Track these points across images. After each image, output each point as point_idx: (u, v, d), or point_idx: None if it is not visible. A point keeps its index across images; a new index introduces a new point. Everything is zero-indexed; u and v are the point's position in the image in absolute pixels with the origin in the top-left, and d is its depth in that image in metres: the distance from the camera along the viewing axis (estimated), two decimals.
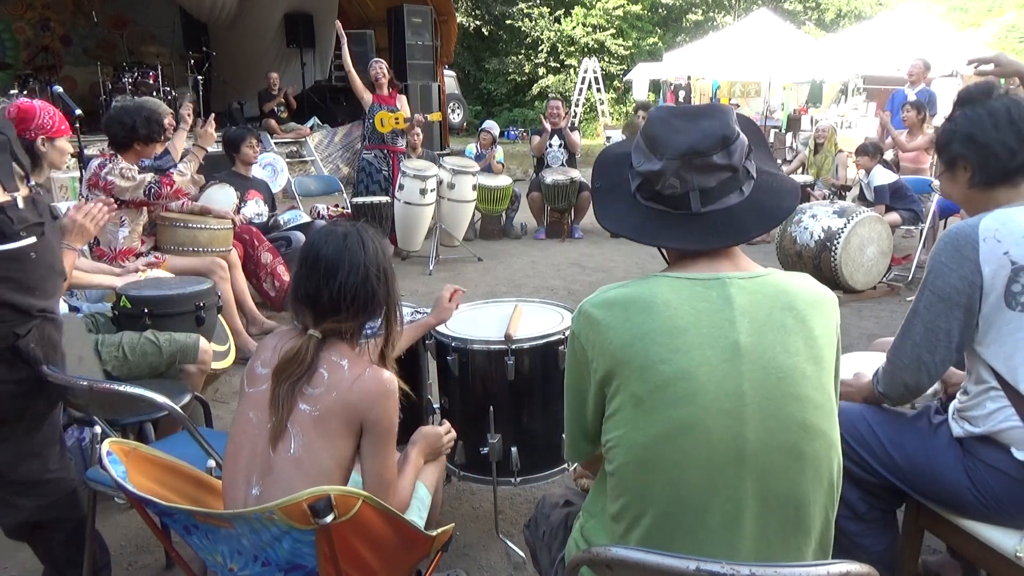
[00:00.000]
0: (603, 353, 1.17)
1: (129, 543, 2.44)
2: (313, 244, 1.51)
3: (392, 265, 1.57)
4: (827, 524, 1.20)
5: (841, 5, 23.52)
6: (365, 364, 1.46)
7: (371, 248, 1.51)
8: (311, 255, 1.49)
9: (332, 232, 1.51)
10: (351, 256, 1.47)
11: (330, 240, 1.49)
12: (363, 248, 1.49)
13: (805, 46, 14.91)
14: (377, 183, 6.32)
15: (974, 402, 1.61)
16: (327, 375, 1.42)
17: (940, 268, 1.58)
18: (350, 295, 1.46)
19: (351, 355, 1.47)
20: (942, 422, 1.71)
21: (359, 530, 1.26)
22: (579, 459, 1.41)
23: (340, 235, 1.50)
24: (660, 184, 1.20)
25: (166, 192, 3.60)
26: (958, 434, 1.64)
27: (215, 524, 1.27)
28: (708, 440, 1.11)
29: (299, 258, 1.53)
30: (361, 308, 1.48)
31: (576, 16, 22.60)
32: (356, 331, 1.50)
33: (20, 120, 2.88)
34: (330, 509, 1.15)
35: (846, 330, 4.48)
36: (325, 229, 1.53)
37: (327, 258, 1.47)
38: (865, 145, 6.20)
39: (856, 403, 1.86)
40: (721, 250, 1.21)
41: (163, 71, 10.32)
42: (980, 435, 1.60)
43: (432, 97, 10.78)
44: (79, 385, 1.82)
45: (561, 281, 5.84)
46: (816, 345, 1.16)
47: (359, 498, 1.21)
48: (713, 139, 1.17)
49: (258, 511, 1.17)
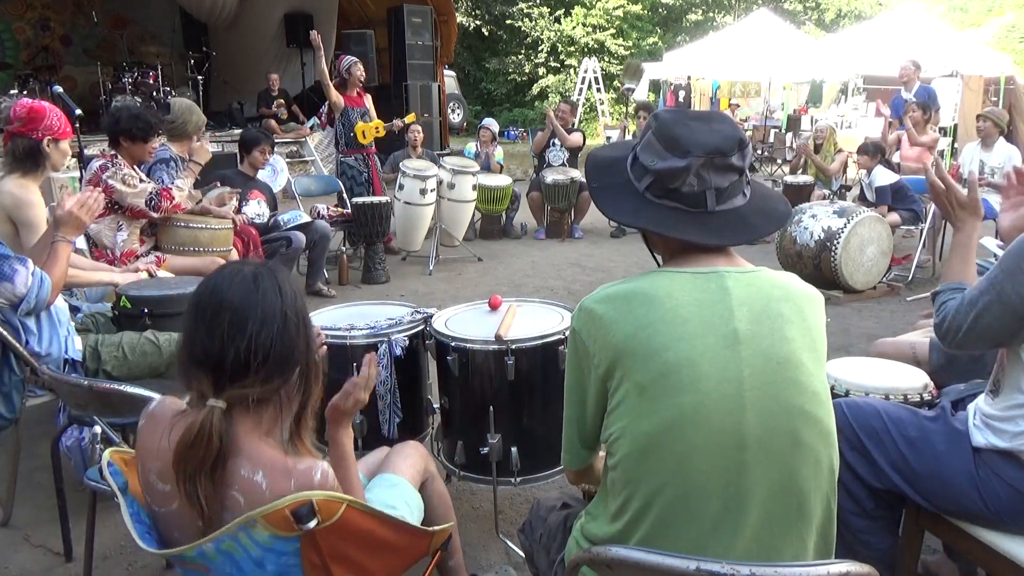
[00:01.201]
0: (605, 347, 1.19)
1: (129, 543, 2.44)
2: (214, 289, 1.21)
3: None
4: (829, 514, 1.22)
5: (841, 5, 23.52)
6: (285, 469, 1.18)
7: (288, 292, 1.24)
8: (211, 303, 1.19)
9: (237, 273, 1.22)
10: (265, 303, 1.20)
11: (236, 283, 1.20)
12: (279, 292, 1.22)
13: (805, 46, 14.92)
14: (361, 185, 6.36)
15: (1007, 415, 1.57)
16: (243, 500, 1.16)
17: (1014, 269, 1.47)
18: (263, 352, 1.18)
19: (265, 454, 1.19)
20: (961, 424, 1.68)
21: (348, 535, 1.23)
22: (575, 465, 1.41)
23: (248, 277, 1.22)
24: (680, 181, 1.22)
25: (165, 206, 3.61)
26: (979, 444, 1.61)
27: (193, 568, 1.22)
28: (710, 426, 1.12)
29: (191, 306, 1.22)
30: (276, 368, 1.20)
31: (576, 16, 22.59)
32: (268, 397, 1.22)
33: (29, 120, 2.89)
34: (313, 514, 1.14)
35: (846, 330, 4.51)
36: (228, 270, 1.25)
37: (234, 306, 1.19)
38: (866, 145, 6.21)
39: (874, 400, 1.87)
40: (717, 248, 1.24)
41: (163, 71, 10.34)
42: (1003, 450, 1.56)
43: (432, 97, 10.80)
44: (79, 385, 1.82)
45: (561, 281, 5.84)
46: (811, 335, 1.20)
47: (343, 502, 1.19)
48: (732, 141, 1.22)
49: (241, 522, 1.12)
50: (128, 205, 3.55)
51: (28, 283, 2.28)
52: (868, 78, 13.60)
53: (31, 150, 2.88)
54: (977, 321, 1.51)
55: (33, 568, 2.31)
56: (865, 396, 1.96)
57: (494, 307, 2.50)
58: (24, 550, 2.39)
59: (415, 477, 1.75)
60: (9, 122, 2.93)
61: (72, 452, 2.57)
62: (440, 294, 5.45)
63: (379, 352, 2.32)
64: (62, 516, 2.32)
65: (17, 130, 2.88)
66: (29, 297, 2.29)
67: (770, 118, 13.78)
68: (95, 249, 3.60)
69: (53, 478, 2.30)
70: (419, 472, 1.77)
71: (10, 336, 2.30)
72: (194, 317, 1.21)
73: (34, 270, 2.32)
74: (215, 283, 1.22)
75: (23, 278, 2.27)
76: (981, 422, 1.63)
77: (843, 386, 2.07)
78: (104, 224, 3.58)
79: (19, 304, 2.29)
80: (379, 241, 5.76)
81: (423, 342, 2.44)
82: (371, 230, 5.63)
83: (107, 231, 3.59)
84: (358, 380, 1.52)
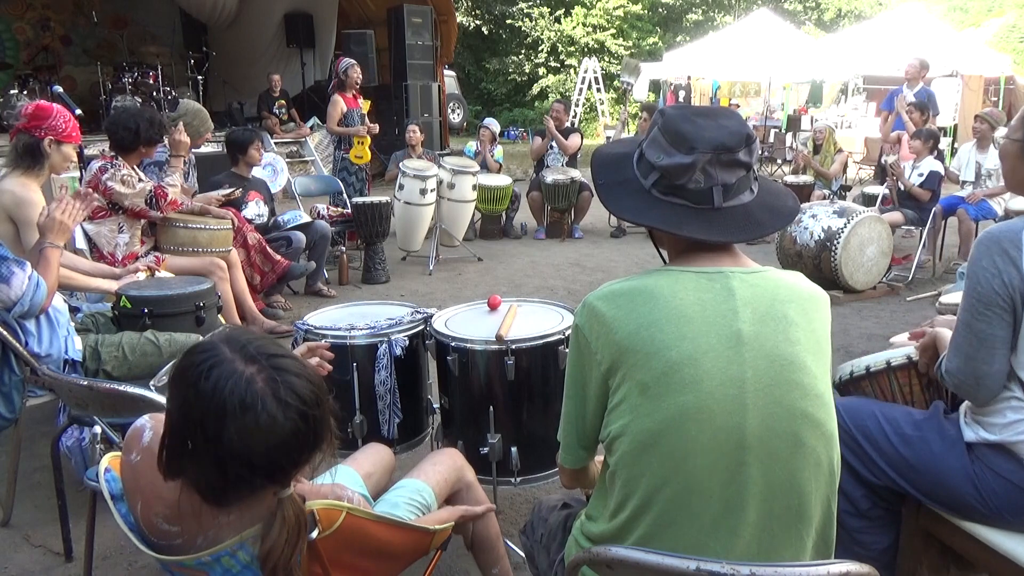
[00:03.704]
0: (608, 344, 1.18)
1: (129, 543, 2.44)
2: (266, 437, 1.05)
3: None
4: (828, 515, 1.22)
5: (841, 5, 23.52)
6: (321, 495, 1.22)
7: (301, 387, 1.09)
8: (272, 451, 1.06)
9: (263, 404, 1.05)
10: (308, 402, 1.09)
11: (274, 416, 1.05)
12: (296, 392, 1.08)
13: (805, 46, 14.94)
14: (362, 182, 6.63)
15: (993, 407, 1.59)
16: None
17: (981, 273, 1.53)
18: (326, 428, 1.13)
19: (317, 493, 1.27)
20: (952, 424, 1.69)
21: (347, 543, 1.22)
22: (571, 464, 1.40)
23: (269, 400, 1.05)
24: (686, 178, 1.20)
25: (163, 203, 3.62)
26: (970, 439, 1.62)
27: (189, 574, 1.20)
28: (712, 426, 1.12)
29: (236, 462, 1.05)
30: (329, 431, 1.14)
31: (576, 16, 22.59)
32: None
33: (33, 116, 2.90)
34: (314, 524, 1.13)
35: (846, 330, 4.51)
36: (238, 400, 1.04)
37: (293, 434, 1.07)
38: (922, 131, 5.99)
39: (869, 401, 1.87)
40: (723, 247, 1.23)
41: (163, 71, 10.32)
42: (994, 443, 1.58)
43: (432, 97, 10.79)
44: (79, 385, 1.82)
45: (561, 281, 5.84)
46: (816, 338, 1.19)
47: (342, 510, 1.19)
48: (739, 136, 1.20)
49: (240, 540, 1.10)
50: (129, 206, 3.55)
51: (24, 286, 2.28)
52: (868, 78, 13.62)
53: (30, 147, 2.89)
54: (970, 333, 1.54)
55: (33, 568, 2.31)
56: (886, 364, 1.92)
57: (493, 307, 2.50)
58: (24, 550, 2.39)
59: (441, 484, 1.73)
60: (18, 119, 2.96)
61: (72, 452, 2.57)
62: (440, 294, 5.45)
63: (379, 352, 2.32)
64: (62, 516, 2.32)
65: (22, 126, 2.93)
66: (23, 301, 2.29)
67: (770, 118, 13.78)
68: (95, 250, 3.59)
69: (53, 478, 2.31)
70: (447, 480, 1.76)
71: (10, 337, 2.31)
72: (255, 472, 1.07)
73: (31, 274, 2.32)
74: (263, 434, 1.05)
75: (19, 281, 2.28)
76: (971, 418, 1.65)
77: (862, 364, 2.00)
78: (105, 227, 3.58)
79: (13, 307, 2.29)
80: (379, 241, 5.76)
81: (423, 342, 2.44)
82: (371, 230, 5.63)
83: (108, 233, 3.58)
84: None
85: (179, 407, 1.07)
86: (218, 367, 1.06)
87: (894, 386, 1.92)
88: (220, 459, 1.05)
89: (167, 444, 1.08)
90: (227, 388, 1.04)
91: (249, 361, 1.07)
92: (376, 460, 1.82)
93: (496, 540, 1.80)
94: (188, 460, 1.07)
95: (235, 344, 1.10)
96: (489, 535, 1.79)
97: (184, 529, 1.16)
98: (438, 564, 1.66)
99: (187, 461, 1.07)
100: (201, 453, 1.05)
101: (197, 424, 1.05)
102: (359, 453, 1.85)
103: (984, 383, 1.55)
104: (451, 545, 1.75)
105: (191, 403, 1.06)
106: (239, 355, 1.08)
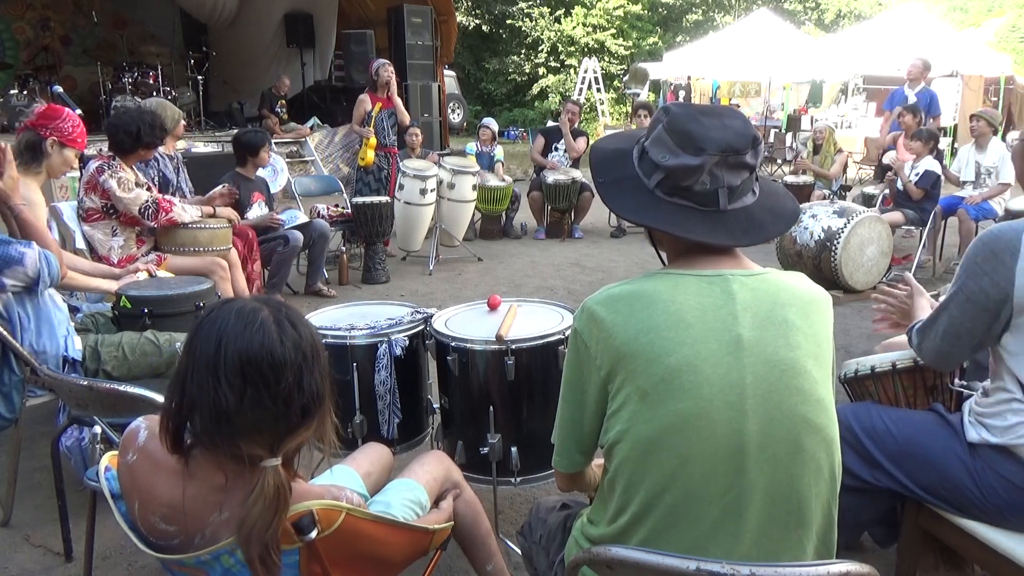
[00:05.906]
0: (608, 349, 1.17)
1: (129, 543, 2.44)
2: (260, 347, 1.09)
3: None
4: (829, 520, 1.21)
5: (841, 5, 23.54)
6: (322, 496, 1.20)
7: (302, 324, 1.16)
8: (263, 362, 1.08)
9: (261, 324, 1.11)
10: (303, 344, 1.13)
11: (271, 336, 1.10)
12: (296, 327, 1.14)
13: (805, 46, 14.94)
14: (380, 182, 6.42)
15: (995, 410, 1.60)
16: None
17: (974, 269, 1.56)
18: (319, 396, 1.15)
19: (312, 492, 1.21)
20: (955, 422, 1.70)
21: (347, 543, 1.22)
22: (566, 468, 1.37)
23: (271, 322, 1.11)
24: (692, 180, 1.18)
25: (161, 218, 3.60)
26: (973, 439, 1.63)
27: (188, 572, 1.21)
28: (712, 432, 1.11)
29: (233, 375, 1.07)
30: (323, 406, 1.17)
31: (576, 16, 22.60)
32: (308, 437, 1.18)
33: (42, 115, 2.96)
34: (313, 524, 1.13)
35: (846, 330, 4.51)
36: (249, 323, 1.11)
37: (287, 361, 1.10)
38: (922, 131, 5.98)
39: (870, 403, 1.89)
40: (724, 249, 1.22)
41: (163, 71, 10.34)
42: (996, 445, 1.59)
43: (432, 97, 10.79)
44: (79, 385, 1.82)
45: (561, 281, 5.84)
46: (817, 342, 1.18)
47: (342, 511, 1.19)
48: (746, 138, 1.19)
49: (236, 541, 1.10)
50: (122, 210, 3.54)
51: (38, 263, 2.39)
52: (868, 78, 13.62)
53: (32, 144, 2.93)
54: (950, 325, 1.62)
55: (33, 568, 2.31)
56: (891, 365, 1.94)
57: (493, 307, 2.50)
58: (24, 550, 2.39)
59: (431, 483, 1.74)
60: (30, 118, 3.02)
61: (72, 452, 2.56)
62: (440, 294, 5.45)
63: (379, 352, 2.32)
64: (62, 516, 2.32)
65: (29, 123, 2.99)
66: (43, 275, 2.40)
67: (770, 118, 13.79)
68: (94, 251, 3.59)
69: (53, 478, 2.31)
70: (436, 479, 1.77)
71: (9, 336, 2.31)
72: (247, 383, 1.08)
73: (39, 250, 2.42)
74: (258, 342, 1.09)
75: (32, 259, 2.37)
76: (974, 419, 1.66)
77: (867, 363, 2.01)
78: (98, 230, 3.57)
79: (36, 284, 2.40)
80: (379, 241, 5.76)
81: (423, 342, 2.44)
82: (371, 230, 5.63)
83: (102, 237, 3.57)
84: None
85: (188, 342, 1.13)
86: (229, 302, 1.16)
87: (898, 388, 1.93)
88: (217, 379, 1.07)
89: (169, 393, 1.13)
90: (234, 308, 1.13)
91: (257, 301, 1.17)
92: (375, 460, 1.82)
93: (487, 537, 1.80)
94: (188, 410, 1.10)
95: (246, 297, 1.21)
96: (479, 532, 1.80)
97: (182, 528, 1.16)
98: (438, 564, 1.66)
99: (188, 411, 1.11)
100: (201, 374, 1.08)
101: (201, 343, 1.10)
102: (358, 453, 1.86)
103: (950, 364, 1.74)
104: (451, 545, 1.74)
105: (199, 326, 1.13)
106: (249, 299, 1.18)
